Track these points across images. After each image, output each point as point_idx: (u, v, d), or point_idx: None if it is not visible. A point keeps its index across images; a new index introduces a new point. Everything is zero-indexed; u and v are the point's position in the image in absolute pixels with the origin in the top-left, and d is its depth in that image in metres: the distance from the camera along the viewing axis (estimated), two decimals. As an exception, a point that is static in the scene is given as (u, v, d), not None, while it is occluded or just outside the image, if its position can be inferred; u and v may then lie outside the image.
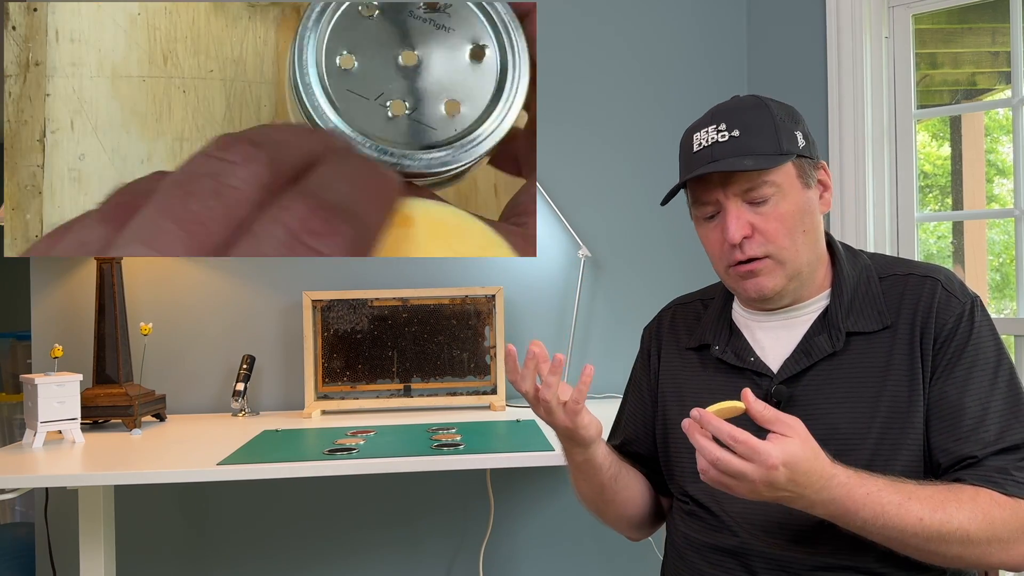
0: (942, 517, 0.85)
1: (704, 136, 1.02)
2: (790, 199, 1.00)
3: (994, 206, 2.71)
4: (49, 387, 1.59)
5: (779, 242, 0.99)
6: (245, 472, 1.38)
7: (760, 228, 0.99)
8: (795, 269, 1.01)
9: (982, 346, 0.96)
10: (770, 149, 0.98)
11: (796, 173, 1.01)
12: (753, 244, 0.99)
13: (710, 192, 1.02)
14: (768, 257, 0.99)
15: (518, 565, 2.12)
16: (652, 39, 2.20)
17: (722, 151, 0.99)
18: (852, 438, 0.95)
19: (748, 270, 1.00)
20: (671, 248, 2.18)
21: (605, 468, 1.09)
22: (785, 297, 1.03)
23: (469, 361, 1.99)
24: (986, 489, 0.89)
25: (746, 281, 1.01)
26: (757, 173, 0.98)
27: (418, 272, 2.10)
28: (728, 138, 0.99)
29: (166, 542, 2.03)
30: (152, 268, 2.03)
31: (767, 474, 0.82)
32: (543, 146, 2.13)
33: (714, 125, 1.01)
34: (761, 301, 1.04)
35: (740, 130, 0.99)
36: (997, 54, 2.22)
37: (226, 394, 2.03)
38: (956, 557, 0.87)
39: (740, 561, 1.00)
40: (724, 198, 1.00)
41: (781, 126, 1.00)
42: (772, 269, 1.00)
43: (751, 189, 0.99)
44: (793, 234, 0.99)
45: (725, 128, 1.00)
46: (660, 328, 1.21)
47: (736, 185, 0.99)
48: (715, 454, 0.84)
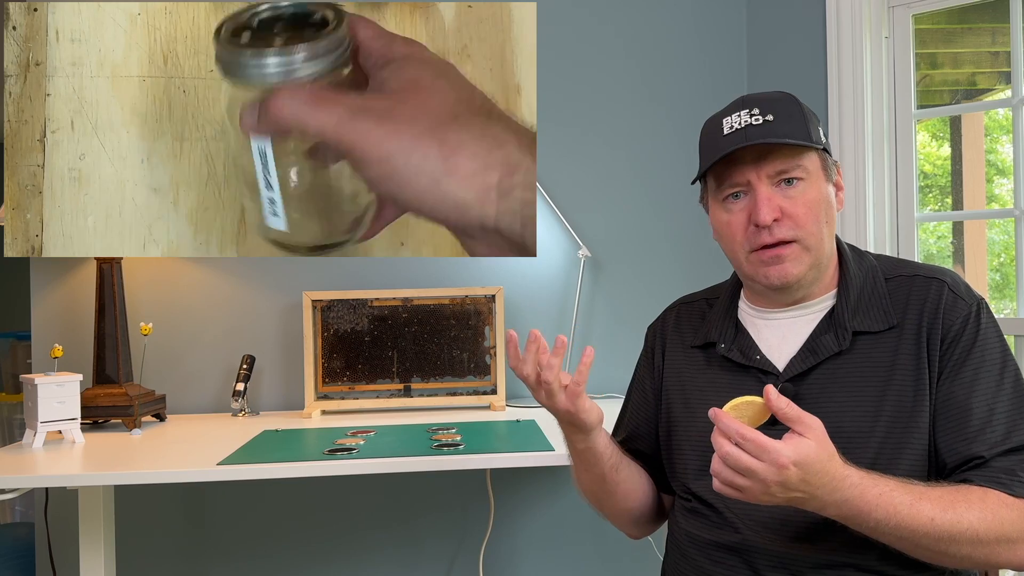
0: (952, 517, 0.86)
1: (736, 120, 1.02)
2: (816, 187, 1.01)
3: (994, 206, 2.71)
4: (49, 387, 1.59)
5: (808, 227, 1.00)
6: (245, 472, 1.38)
7: (789, 212, 0.99)
8: (818, 258, 1.01)
9: (988, 347, 0.96)
10: (803, 136, 1.00)
11: (821, 164, 1.03)
12: (782, 227, 0.99)
13: (741, 172, 1.01)
14: (796, 242, 1.00)
15: (518, 565, 2.12)
16: (652, 39, 2.20)
17: (756, 133, 1.00)
18: (856, 437, 0.95)
19: (775, 255, 1.00)
20: (671, 248, 2.18)
21: (606, 457, 1.09)
22: (801, 288, 1.04)
23: (469, 361, 1.99)
24: (994, 490, 0.89)
25: (770, 267, 1.01)
26: (792, 155, 0.99)
27: (418, 272, 2.10)
28: (762, 122, 1.00)
29: (166, 542, 2.03)
30: (152, 268, 2.03)
31: (778, 473, 0.82)
32: (543, 146, 2.13)
33: (747, 110, 1.02)
34: (781, 289, 1.03)
35: (773, 116, 1.00)
36: (997, 54, 2.22)
37: (226, 394, 2.03)
38: (964, 557, 0.87)
39: (743, 558, 1.00)
40: (756, 179, 1.00)
41: (810, 118, 1.03)
42: (799, 255, 1.00)
43: (785, 171, 1.00)
44: (819, 222, 1.00)
45: (759, 113, 1.01)
46: (665, 326, 1.22)
47: (770, 165, 1.00)
48: (725, 448, 0.84)
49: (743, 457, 0.83)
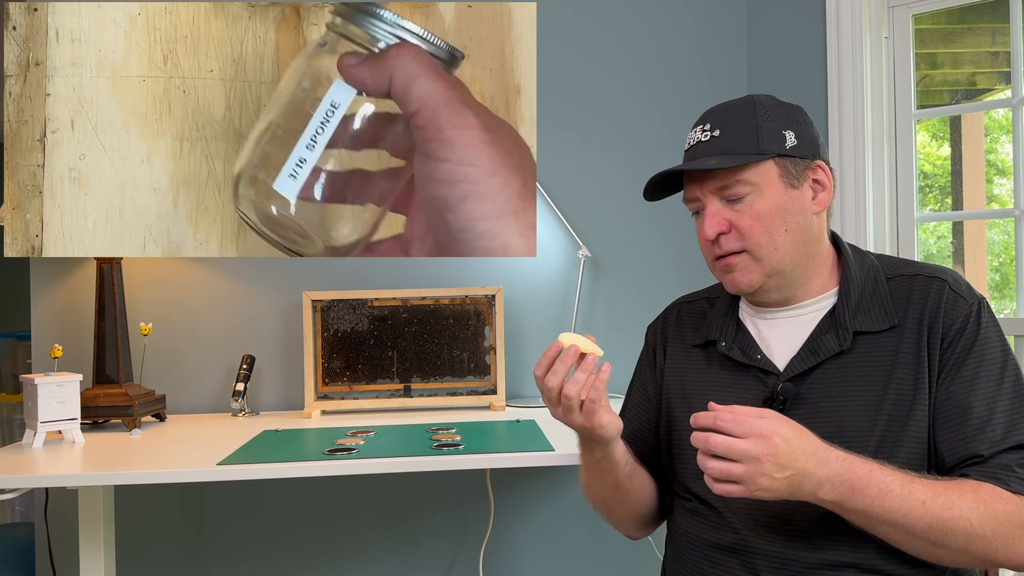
0: (944, 502, 0.86)
1: (692, 136, 1.06)
2: (767, 198, 1.01)
3: (994, 206, 2.71)
4: (49, 387, 1.59)
5: (755, 239, 1.01)
6: (245, 472, 1.38)
7: (736, 224, 1.02)
8: (773, 267, 1.02)
9: (988, 347, 0.96)
10: (747, 148, 1.01)
11: (779, 173, 1.02)
12: (729, 240, 1.03)
13: (692, 190, 1.06)
14: (744, 252, 1.02)
15: (518, 565, 2.12)
16: (652, 40, 2.20)
17: (702, 150, 1.03)
18: (857, 436, 0.95)
19: (726, 264, 1.04)
20: (671, 248, 2.18)
21: (622, 466, 1.09)
22: (770, 292, 1.05)
23: (469, 361, 1.99)
24: (988, 484, 0.89)
25: (726, 275, 1.05)
26: (731, 172, 1.00)
27: (418, 272, 2.10)
28: (709, 138, 1.03)
29: (166, 542, 2.03)
30: (152, 268, 2.03)
31: (766, 445, 0.84)
32: (543, 146, 2.13)
33: (701, 125, 1.05)
34: (744, 295, 1.08)
35: (720, 130, 1.02)
36: (997, 54, 2.22)
37: (226, 394, 2.03)
38: (961, 550, 0.87)
39: (742, 559, 1.00)
40: (702, 195, 1.04)
41: (764, 125, 1.02)
42: (748, 265, 1.02)
43: (725, 187, 1.02)
44: (771, 232, 1.01)
45: (708, 128, 1.04)
46: (666, 325, 1.22)
47: (711, 183, 1.02)
48: (711, 441, 0.86)
49: (729, 441, 0.85)
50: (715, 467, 0.86)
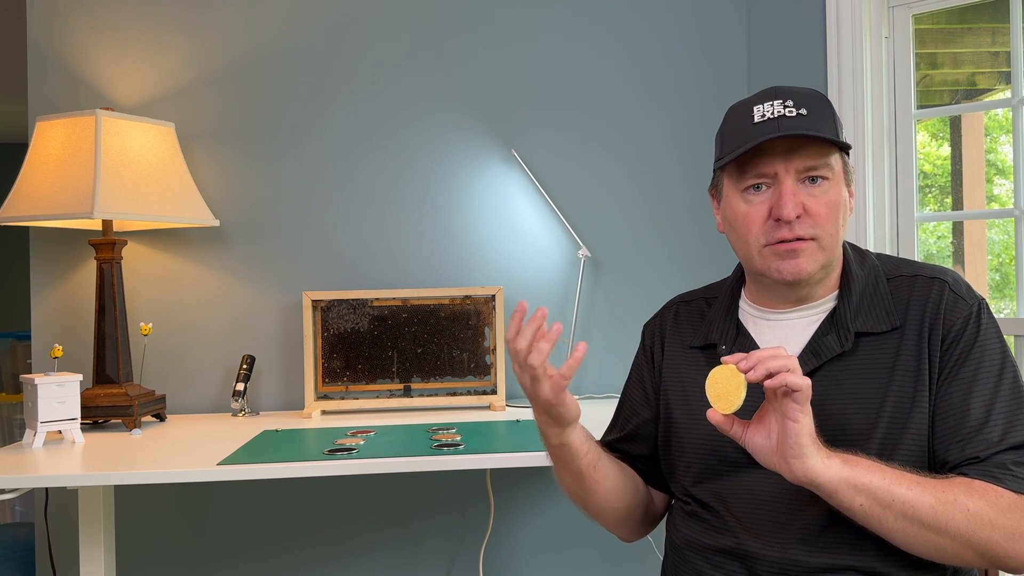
0: (943, 485, 0.88)
1: (768, 108, 1.00)
2: (837, 188, 1.01)
3: (994, 206, 2.71)
4: (49, 387, 1.59)
5: (827, 227, 0.99)
6: (245, 472, 1.38)
7: (811, 210, 0.99)
8: (830, 258, 1.01)
9: (988, 348, 0.96)
10: (834, 135, 0.99)
11: (843, 168, 1.03)
12: (803, 224, 0.98)
13: (769, 163, 1.00)
14: (814, 240, 0.99)
15: (518, 565, 2.12)
16: (652, 40, 2.20)
17: (791, 125, 0.98)
18: (859, 438, 0.95)
19: (790, 249, 0.99)
20: (671, 248, 2.18)
21: (583, 454, 1.06)
22: (808, 287, 1.03)
23: (469, 361, 1.99)
24: (983, 480, 0.90)
25: (784, 261, 1.00)
26: (821, 153, 0.98)
27: (418, 272, 2.10)
28: (796, 114, 0.99)
29: (166, 542, 2.03)
30: (152, 268, 2.03)
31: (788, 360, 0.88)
32: (543, 146, 2.13)
33: (780, 100, 1.00)
34: (792, 285, 1.02)
35: (807, 110, 0.99)
36: (997, 54, 2.22)
37: (226, 394, 2.03)
38: (965, 541, 0.87)
39: (742, 563, 1.00)
40: (784, 172, 0.99)
41: (838, 119, 1.02)
42: (814, 252, 1.00)
43: (813, 168, 0.99)
44: (836, 223, 1.00)
45: (793, 105, 0.99)
46: (663, 324, 1.20)
47: (799, 160, 0.99)
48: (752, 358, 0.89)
49: (756, 352, 0.89)
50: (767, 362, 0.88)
